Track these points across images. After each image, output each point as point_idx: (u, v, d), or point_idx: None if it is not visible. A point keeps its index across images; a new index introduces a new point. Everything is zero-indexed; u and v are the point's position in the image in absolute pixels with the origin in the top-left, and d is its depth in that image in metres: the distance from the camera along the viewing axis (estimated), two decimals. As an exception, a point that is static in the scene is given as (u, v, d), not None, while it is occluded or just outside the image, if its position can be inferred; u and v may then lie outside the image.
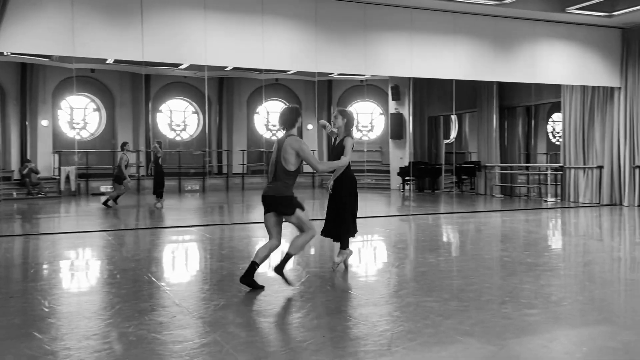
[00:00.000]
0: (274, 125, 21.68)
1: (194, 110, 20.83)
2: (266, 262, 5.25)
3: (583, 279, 5.69)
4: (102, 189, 17.36)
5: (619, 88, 13.16)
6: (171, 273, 6.37)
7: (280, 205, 5.08)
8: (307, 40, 10.42)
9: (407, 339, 3.67)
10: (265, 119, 21.61)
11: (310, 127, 21.41)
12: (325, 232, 6.11)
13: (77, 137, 19.01)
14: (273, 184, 5.12)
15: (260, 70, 16.55)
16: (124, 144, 13.83)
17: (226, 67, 16.32)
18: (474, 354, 3.45)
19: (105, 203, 13.00)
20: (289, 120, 5.22)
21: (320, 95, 21.37)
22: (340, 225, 5.94)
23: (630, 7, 11.35)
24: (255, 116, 21.50)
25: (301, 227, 5.19)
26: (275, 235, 5.16)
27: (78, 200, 15.77)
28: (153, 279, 5.63)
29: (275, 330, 3.96)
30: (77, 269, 6.53)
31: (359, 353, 3.44)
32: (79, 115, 19.52)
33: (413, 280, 5.69)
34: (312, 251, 7.86)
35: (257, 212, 13.07)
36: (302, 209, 5.16)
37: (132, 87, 19.53)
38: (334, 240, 6.15)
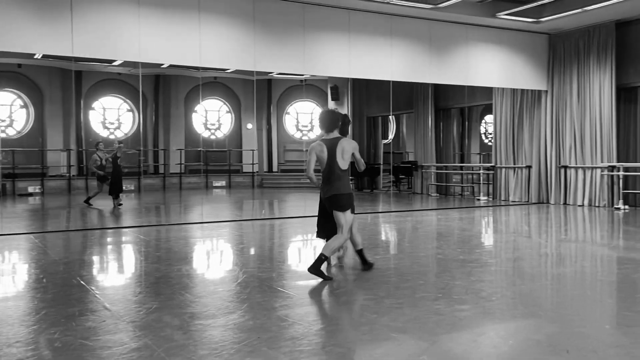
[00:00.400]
0: (213, 124, 21.39)
1: (128, 108, 20.24)
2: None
3: (512, 275, 5.92)
4: (30, 189, 16.59)
5: (546, 91, 13.79)
6: (102, 276, 6.15)
7: (339, 202, 5.49)
8: (245, 39, 10.33)
9: (342, 338, 3.70)
10: (204, 117, 21.27)
11: (249, 126, 21.26)
12: (321, 234, 6.11)
13: (3, 135, 18.08)
14: (334, 184, 5.50)
15: (197, 68, 16.27)
16: (97, 143, 13.53)
17: (162, 64, 15.94)
18: (407, 349, 3.52)
19: (86, 202, 13.06)
20: (332, 122, 5.60)
21: (260, 94, 21.26)
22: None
23: (555, 14, 11.91)
24: (193, 115, 21.14)
25: (338, 227, 5.54)
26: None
27: (3, 202, 14.98)
28: (82, 282, 5.42)
29: (209, 332, 3.89)
30: (1, 274, 6.19)
31: (294, 353, 3.43)
32: (4, 113, 18.56)
33: (349, 279, 5.75)
34: (252, 251, 7.81)
35: (195, 212, 12.86)
36: (353, 211, 5.60)
37: (62, 84, 18.76)
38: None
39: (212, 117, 21.43)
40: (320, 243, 6.22)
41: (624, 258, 6.91)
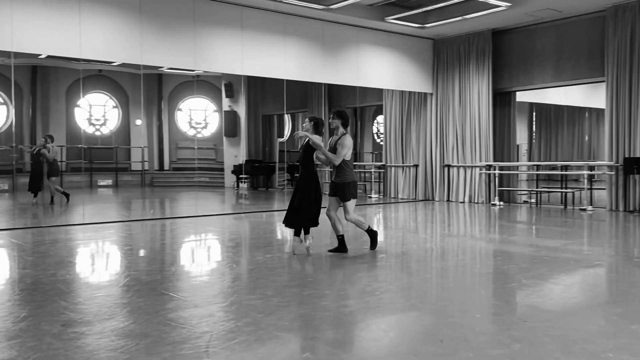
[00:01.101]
0: (98, 120, 20.27)
1: (1, 101, 18.65)
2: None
3: (396, 269, 6.14)
4: None
5: (431, 94, 14.50)
6: (-35, 284, 5.59)
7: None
8: (130, 31, 9.88)
9: (227, 339, 3.63)
10: (88, 112, 20.09)
11: (138, 122, 20.39)
12: (288, 223, 6.72)
13: None
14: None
15: (78, 60, 15.34)
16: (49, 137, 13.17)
17: (40, 54, 14.84)
18: (291, 347, 3.52)
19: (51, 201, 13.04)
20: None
21: (149, 89, 20.49)
22: (306, 215, 6.59)
23: (439, 21, 12.55)
24: (76, 109, 19.89)
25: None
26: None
27: None
28: (-61, 292, 4.89)
29: (83, 340, 3.66)
30: None
31: (175, 358, 3.32)
32: None
33: (239, 279, 5.68)
34: (138, 253, 7.48)
35: (77, 213, 12.09)
36: (349, 198, 6.71)
37: None
38: (297, 230, 6.70)
39: (97, 112, 20.29)
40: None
41: (498, 251, 7.42)
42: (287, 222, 6.74)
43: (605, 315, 4.25)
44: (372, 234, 6.93)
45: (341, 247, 6.77)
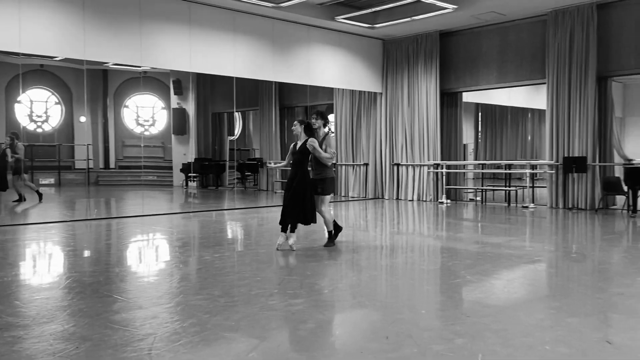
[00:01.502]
0: (39, 116, 19.53)
1: None
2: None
3: (346, 267, 6.18)
4: None
5: (381, 93, 14.68)
6: None
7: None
8: (73, 25, 9.56)
9: (170, 341, 3.56)
10: (29, 108, 19.32)
11: (82, 119, 19.76)
12: (284, 219, 6.93)
13: None
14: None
15: (17, 54, 14.73)
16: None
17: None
18: (236, 348, 3.49)
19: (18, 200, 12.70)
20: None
21: (94, 85, 19.91)
22: (299, 212, 6.83)
23: (387, 22, 12.72)
24: (16, 105, 19.08)
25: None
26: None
27: None
28: None
29: (20, 344, 3.51)
30: None
31: (117, 361, 3.23)
32: None
33: (185, 280, 5.59)
34: (80, 254, 7.25)
35: (17, 213, 11.61)
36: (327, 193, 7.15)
37: None
38: (284, 226, 6.93)
39: (38, 109, 19.54)
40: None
41: (444, 248, 7.58)
42: (284, 219, 6.91)
43: (543, 309, 4.41)
44: (332, 235, 7.22)
45: (336, 230, 7.31)
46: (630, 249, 7.57)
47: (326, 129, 7.36)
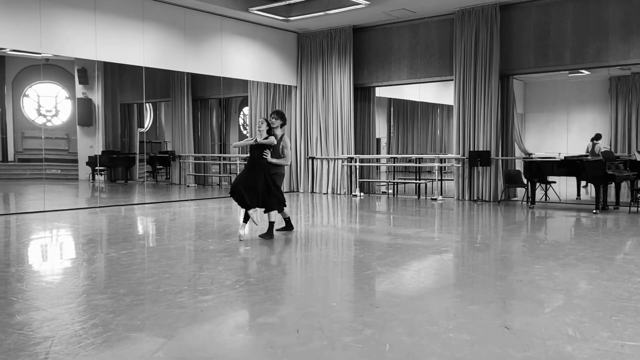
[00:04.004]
0: None
1: None
2: None
3: (259, 262, 6.13)
4: None
5: (296, 87, 14.68)
6: None
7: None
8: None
9: (70, 343, 3.37)
10: None
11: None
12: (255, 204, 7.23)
13: None
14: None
15: None
16: None
17: None
18: (141, 348, 3.36)
19: None
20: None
21: (-10, 72, 18.48)
22: (275, 197, 7.35)
23: (302, 15, 12.72)
24: None
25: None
26: None
27: None
28: None
29: None
30: None
31: (8, 368, 3.01)
32: None
33: (89, 278, 5.32)
34: (-31, 254, 6.71)
35: None
36: None
37: None
38: (265, 211, 7.40)
39: None
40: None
41: (357, 240, 7.71)
42: (247, 203, 7.12)
43: (448, 298, 4.59)
44: (272, 227, 7.46)
45: (288, 226, 7.85)
46: (529, 238, 8.06)
47: (283, 129, 7.71)
